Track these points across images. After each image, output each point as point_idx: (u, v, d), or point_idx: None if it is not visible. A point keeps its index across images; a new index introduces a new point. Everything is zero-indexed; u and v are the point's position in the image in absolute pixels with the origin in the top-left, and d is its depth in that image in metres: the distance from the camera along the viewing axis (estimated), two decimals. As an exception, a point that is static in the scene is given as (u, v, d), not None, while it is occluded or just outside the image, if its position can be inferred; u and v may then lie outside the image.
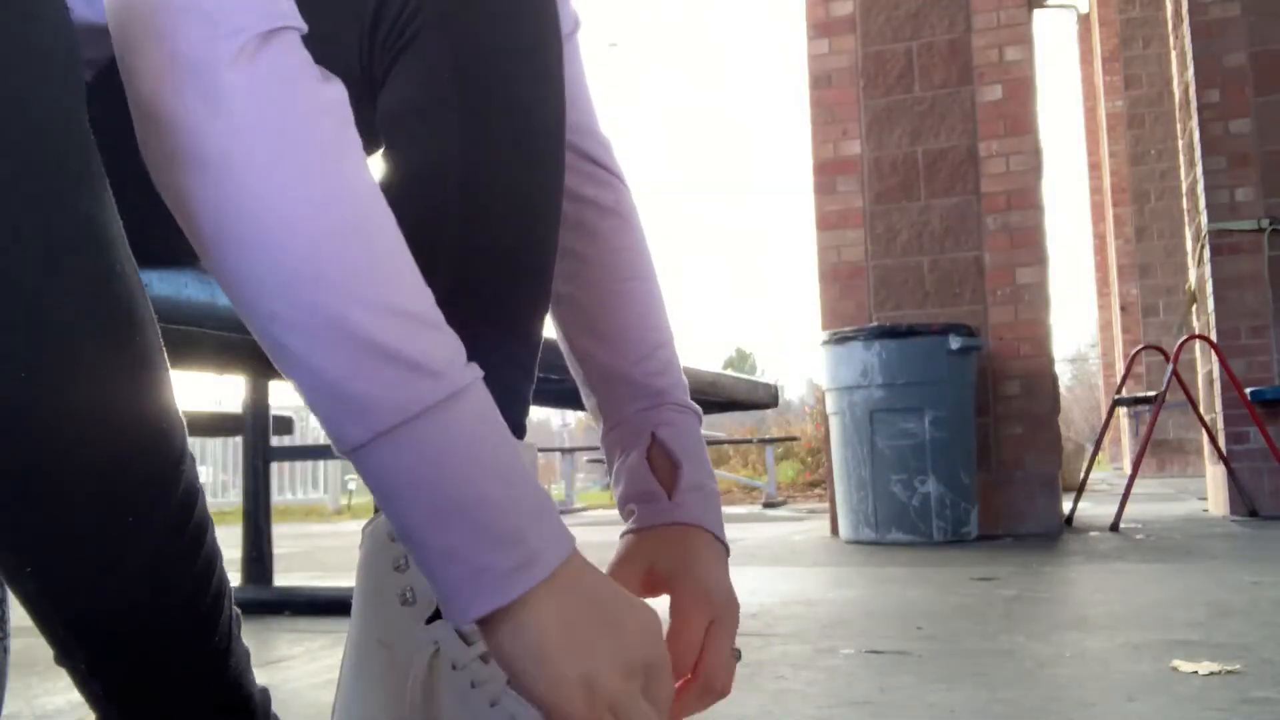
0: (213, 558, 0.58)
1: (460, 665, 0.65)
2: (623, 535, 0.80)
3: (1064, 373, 16.89)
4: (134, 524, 0.53)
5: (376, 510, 0.71)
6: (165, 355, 0.55)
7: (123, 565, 0.54)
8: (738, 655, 0.76)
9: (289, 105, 0.53)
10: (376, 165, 0.75)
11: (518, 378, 0.72)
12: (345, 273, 0.52)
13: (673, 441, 0.79)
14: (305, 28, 0.55)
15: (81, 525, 0.52)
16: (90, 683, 0.57)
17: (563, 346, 0.85)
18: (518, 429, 0.72)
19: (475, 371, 0.56)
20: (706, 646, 0.73)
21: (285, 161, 0.52)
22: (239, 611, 0.61)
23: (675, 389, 0.82)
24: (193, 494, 0.56)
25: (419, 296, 0.55)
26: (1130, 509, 4.27)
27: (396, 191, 0.71)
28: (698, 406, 0.83)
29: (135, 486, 0.53)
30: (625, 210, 0.86)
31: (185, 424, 0.56)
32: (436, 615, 0.66)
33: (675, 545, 0.77)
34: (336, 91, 0.56)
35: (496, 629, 0.54)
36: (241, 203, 0.52)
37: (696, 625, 0.73)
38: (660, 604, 0.74)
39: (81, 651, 0.56)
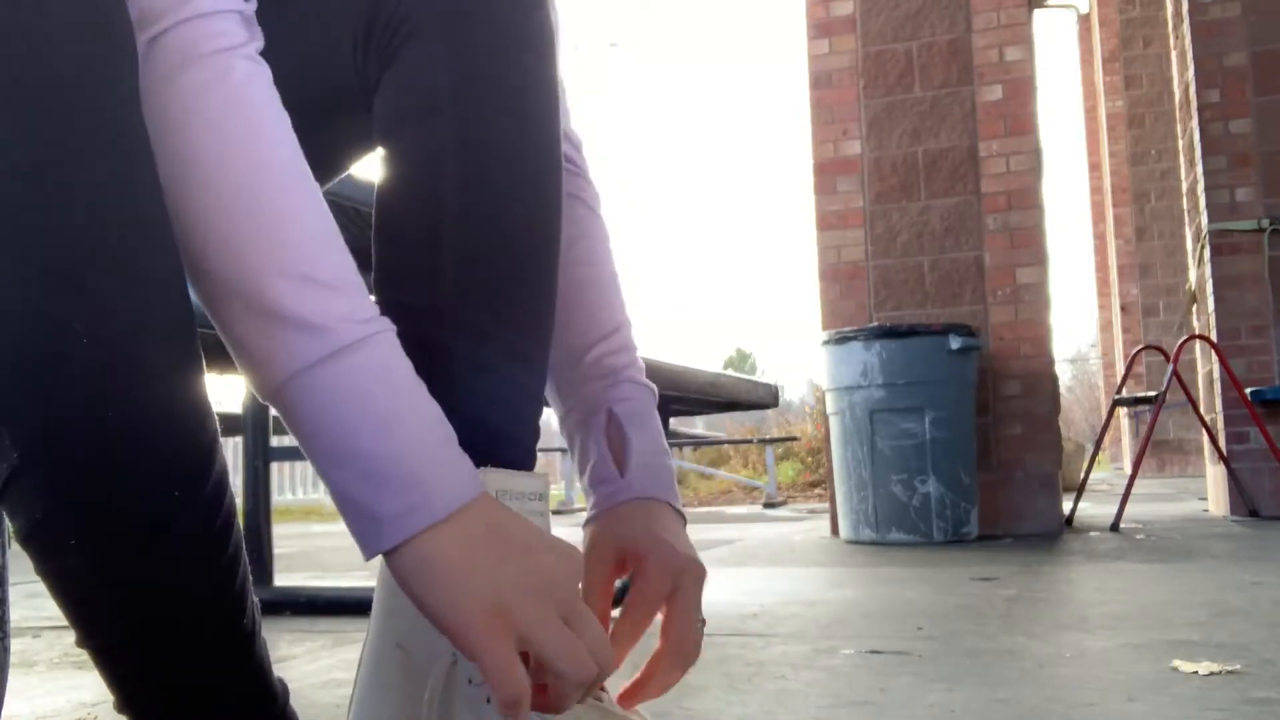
0: (240, 541, 0.59)
1: (476, 681, 0.65)
2: (585, 525, 0.80)
3: (1064, 373, 16.89)
4: (180, 497, 0.55)
5: None
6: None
7: (168, 538, 0.55)
8: (702, 623, 0.75)
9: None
10: (374, 165, 0.75)
11: (526, 373, 0.72)
12: (234, 241, 0.56)
13: (625, 416, 0.80)
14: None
15: (137, 499, 0.54)
16: (118, 663, 0.58)
17: None
18: (529, 424, 0.72)
19: (372, 327, 0.57)
20: (671, 607, 0.73)
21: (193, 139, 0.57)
22: (259, 601, 0.62)
23: (631, 368, 0.82)
24: (225, 474, 0.58)
25: (311, 259, 0.57)
26: (1130, 509, 4.27)
27: (395, 190, 0.71)
28: (654, 385, 0.83)
29: (182, 460, 0.55)
30: (590, 200, 0.87)
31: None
32: None
33: (634, 520, 0.77)
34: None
35: (395, 565, 0.56)
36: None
37: (657, 584, 0.73)
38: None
39: (117, 627, 0.56)
